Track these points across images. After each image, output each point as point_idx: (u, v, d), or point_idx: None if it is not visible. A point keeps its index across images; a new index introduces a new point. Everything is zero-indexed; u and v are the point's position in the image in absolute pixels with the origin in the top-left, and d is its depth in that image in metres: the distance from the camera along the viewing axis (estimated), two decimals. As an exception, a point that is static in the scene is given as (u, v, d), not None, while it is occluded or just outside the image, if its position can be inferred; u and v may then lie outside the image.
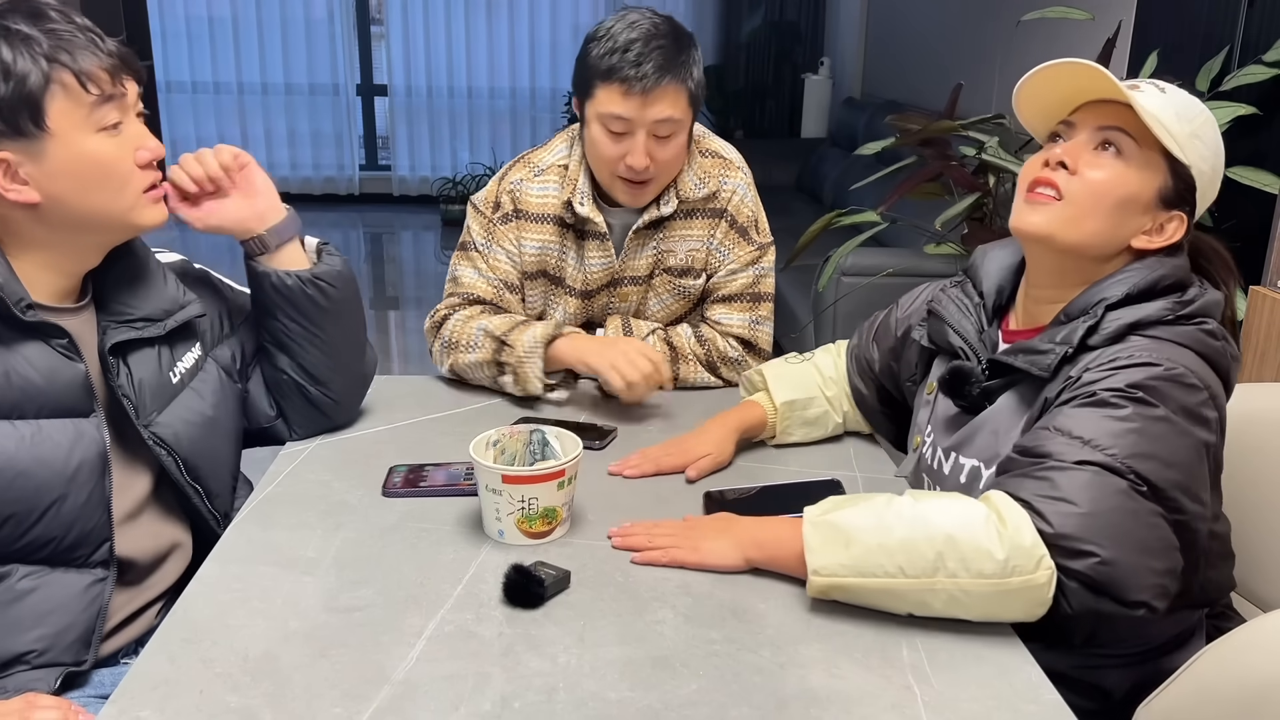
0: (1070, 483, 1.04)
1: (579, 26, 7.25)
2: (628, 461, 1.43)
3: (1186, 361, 1.10)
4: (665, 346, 1.69)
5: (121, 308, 1.26)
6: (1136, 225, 1.17)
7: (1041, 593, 1.01)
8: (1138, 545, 1.03)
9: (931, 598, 1.05)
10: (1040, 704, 0.97)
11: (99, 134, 1.15)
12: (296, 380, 1.45)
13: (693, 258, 1.74)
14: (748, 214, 1.74)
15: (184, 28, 6.97)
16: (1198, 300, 1.15)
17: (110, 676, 1.22)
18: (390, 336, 4.79)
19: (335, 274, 1.42)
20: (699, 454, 1.44)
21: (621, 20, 1.59)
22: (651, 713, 0.94)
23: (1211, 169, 1.18)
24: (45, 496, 1.14)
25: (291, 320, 1.41)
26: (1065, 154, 1.17)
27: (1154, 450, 1.05)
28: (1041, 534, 1.02)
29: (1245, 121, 2.36)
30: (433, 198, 7.21)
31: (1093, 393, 1.09)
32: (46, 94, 1.11)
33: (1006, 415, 1.23)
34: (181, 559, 1.33)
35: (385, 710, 0.94)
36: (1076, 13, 2.75)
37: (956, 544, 1.02)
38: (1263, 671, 0.97)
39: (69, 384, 1.17)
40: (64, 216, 1.16)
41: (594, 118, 1.60)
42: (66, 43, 1.12)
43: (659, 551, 1.19)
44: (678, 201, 1.69)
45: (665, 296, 1.76)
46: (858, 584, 1.06)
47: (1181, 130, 1.14)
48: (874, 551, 1.05)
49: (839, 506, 1.11)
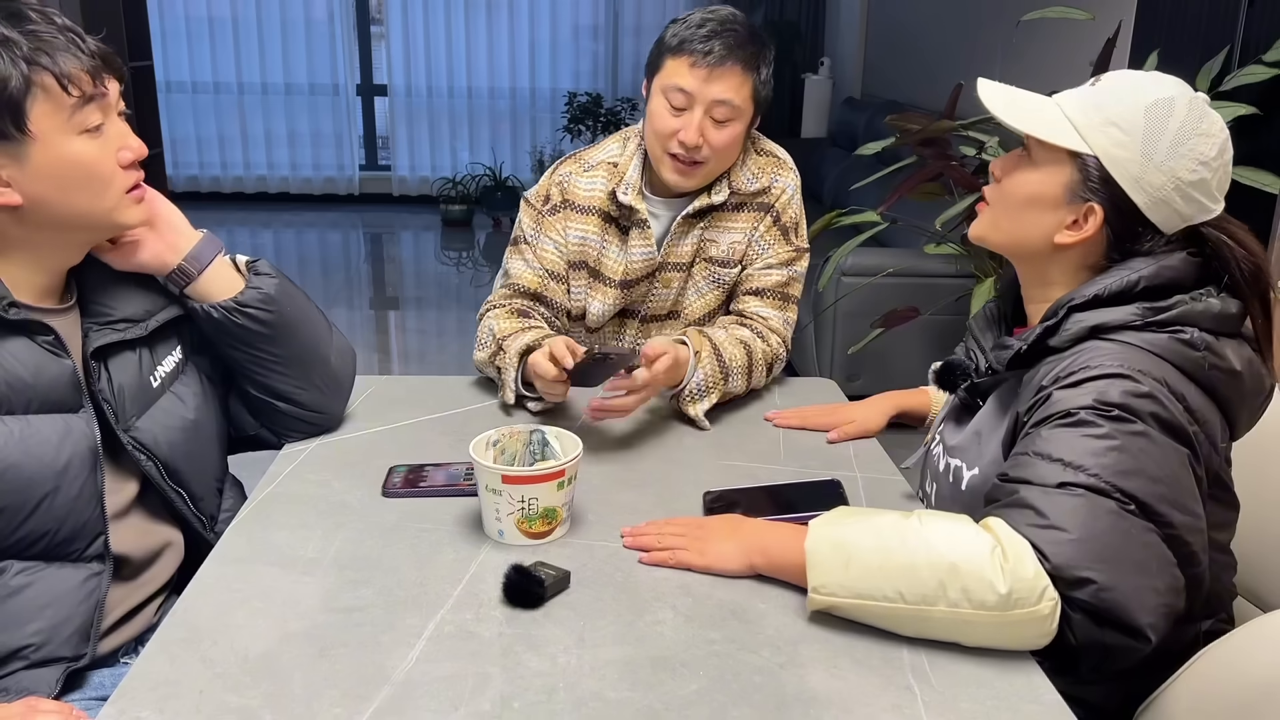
0: (1057, 509, 1.02)
1: (579, 26, 7.26)
2: (782, 414, 1.58)
3: (1155, 371, 1.07)
4: (743, 353, 1.65)
5: (103, 309, 1.26)
6: (1052, 221, 1.17)
7: (1046, 624, 1.00)
8: (1135, 567, 1.01)
9: (931, 625, 1.03)
10: (1040, 704, 0.97)
11: (81, 136, 1.14)
12: (265, 400, 1.42)
13: (733, 249, 1.76)
14: (793, 215, 1.77)
15: (184, 28, 6.98)
16: (1177, 308, 1.10)
17: (111, 678, 1.22)
18: (390, 336, 4.79)
19: (263, 297, 1.35)
20: (848, 418, 1.53)
21: (703, 9, 1.67)
22: (651, 713, 0.94)
23: (1144, 156, 1.10)
24: (36, 491, 1.14)
25: (234, 349, 1.37)
26: (993, 165, 1.24)
27: (1137, 466, 1.03)
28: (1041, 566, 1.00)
29: (1245, 121, 2.37)
30: (433, 198, 7.21)
31: (1066, 412, 1.07)
32: (28, 97, 1.09)
33: (990, 419, 1.24)
34: (175, 556, 1.33)
35: (385, 710, 0.94)
36: (1076, 13, 2.75)
37: (960, 574, 1.00)
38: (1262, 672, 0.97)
39: (56, 379, 1.17)
40: (46, 218, 1.15)
41: (658, 90, 1.65)
42: (46, 44, 1.11)
43: (666, 553, 1.19)
44: (729, 192, 1.72)
45: (703, 285, 1.78)
46: (855, 605, 1.05)
47: (1089, 120, 1.13)
48: (873, 574, 1.04)
49: (845, 520, 1.10)
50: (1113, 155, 1.12)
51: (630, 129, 1.80)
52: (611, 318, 1.79)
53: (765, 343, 1.71)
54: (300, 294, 1.43)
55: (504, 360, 1.61)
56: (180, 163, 7.11)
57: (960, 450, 1.27)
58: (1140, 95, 1.12)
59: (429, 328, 4.90)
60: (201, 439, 1.35)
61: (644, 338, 1.81)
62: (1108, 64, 2.54)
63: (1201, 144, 1.11)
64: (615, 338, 1.83)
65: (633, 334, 1.82)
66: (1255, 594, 1.39)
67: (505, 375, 1.61)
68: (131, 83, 4.67)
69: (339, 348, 1.50)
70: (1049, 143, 1.15)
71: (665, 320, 1.81)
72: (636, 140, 1.76)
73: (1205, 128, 1.12)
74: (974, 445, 1.25)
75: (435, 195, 7.12)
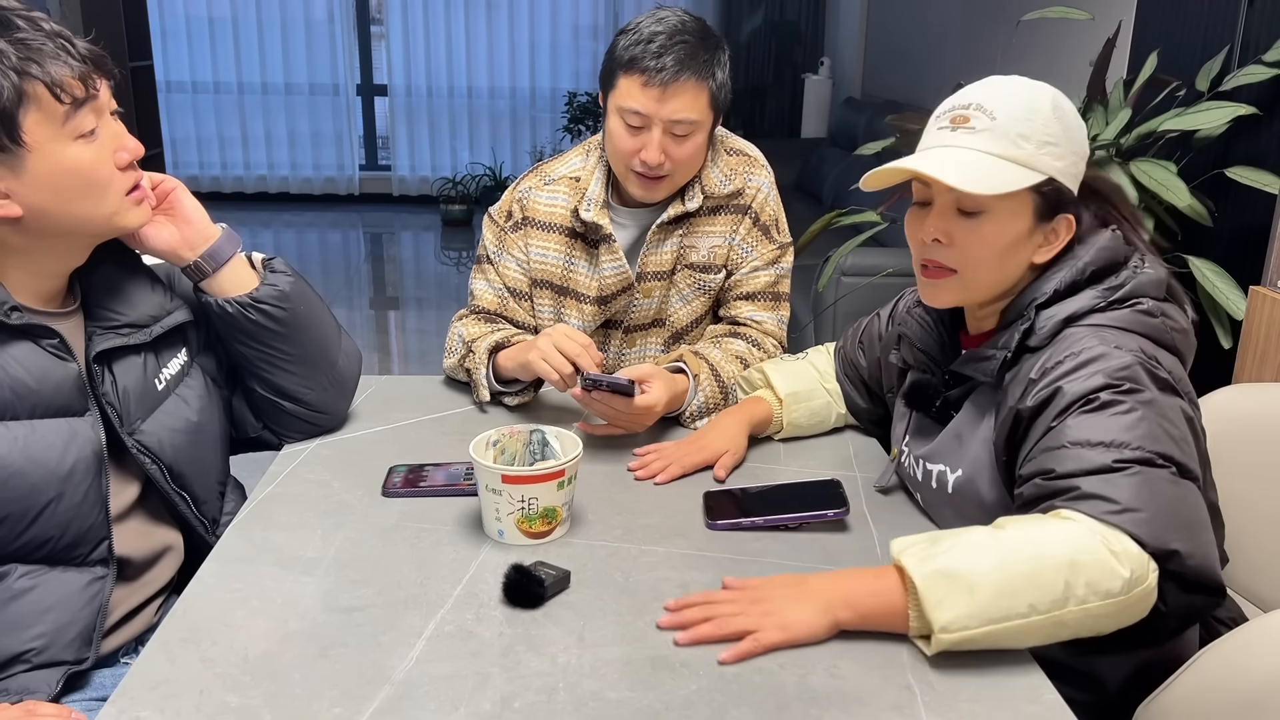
0: (1123, 491, 1.03)
1: (579, 26, 7.25)
2: (650, 466, 1.43)
3: (1135, 345, 1.13)
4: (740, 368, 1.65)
5: (108, 314, 1.25)
6: (1029, 249, 1.20)
7: (1153, 596, 1.01)
8: (1200, 527, 1.05)
9: (1060, 630, 1.00)
10: (1040, 704, 0.97)
11: (76, 142, 1.13)
12: (270, 398, 1.43)
13: (714, 253, 1.74)
14: (770, 212, 1.75)
15: (184, 28, 6.98)
16: (1128, 283, 1.17)
17: (111, 678, 1.22)
18: (390, 337, 4.79)
19: (278, 294, 1.36)
20: (719, 450, 1.45)
21: (651, 16, 1.60)
22: (651, 713, 0.94)
23: (1074, 153, 1.18)
24: (40, 496, 1.13)
25: (244, 345, 1.38)
26: (937, 232, 1.19)
27: (1164, 431, 1.07)
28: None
29: (1245, 121, 2.36)
30: (433, 198, 7.21)
31: (1083, 399, 1.09)
32: (20, 108, 1.08)
33: (968, 421, 1.25)
34: (175, 558, 1.33)
35: (385, 710, 0.94)
36: (1076, 13, 2.75)
37: (1081, 568, 0.98)
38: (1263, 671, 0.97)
39: (61, 384, 1.17)
40: (47, 226, 1.14)
41: (614, 110, 1.61)
42: (36, 52, 1.09)
43: (749, 643, 1.02)
44: (703, 197, 1.69)
45: (687, 292, 1.76)
46: (989, 632, 0.98)
47: (1026, 152, 1.15)
48: (1002, 594, 0.98)
49: (939, 548, 1.02)
50: (1059, 168, 1.17)
51: (592, 140, 1.76)
52: (594, 331, 1.77)
53: (761, 349, 1.71)
54: (314, 294, 1.44)
55: (473, 361, 1.63)
56: (180, 163, 7.12)
57: (940, 455, 1.28)
58: (1041, 105, 1.16)
59: (429, 328, 4.90)
60: (205, 442, 1.35)
61: (629, 348, 1.79)
62: (1108, 64, 2.54)
63: (1078, 115, 1.19)
64: (600, 349, 1.80)
65: (617, 345, 1.79)
66: (1255, 594, 1.39)
67: (476, 375, 1.62)
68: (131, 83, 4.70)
69: (347, 350, 1.51)
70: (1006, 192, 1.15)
71: (650, 329, 1.79)
72: (599, 152, 1.72)
73: (1067, 99, 1.20)
74: (955, 448, 1.26)
75: (435, 195, 7.12)
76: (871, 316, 1.55)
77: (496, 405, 1.65)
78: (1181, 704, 1.05)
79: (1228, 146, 2.50)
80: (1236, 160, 2.41)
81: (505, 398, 1.64)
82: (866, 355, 1.53)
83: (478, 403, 1.65)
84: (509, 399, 1.63)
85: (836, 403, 1.57)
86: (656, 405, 1.49)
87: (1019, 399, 1.16)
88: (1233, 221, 2.51)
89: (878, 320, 1.53)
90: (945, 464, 1.27)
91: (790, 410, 1.53)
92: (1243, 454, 1.37)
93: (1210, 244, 2.47)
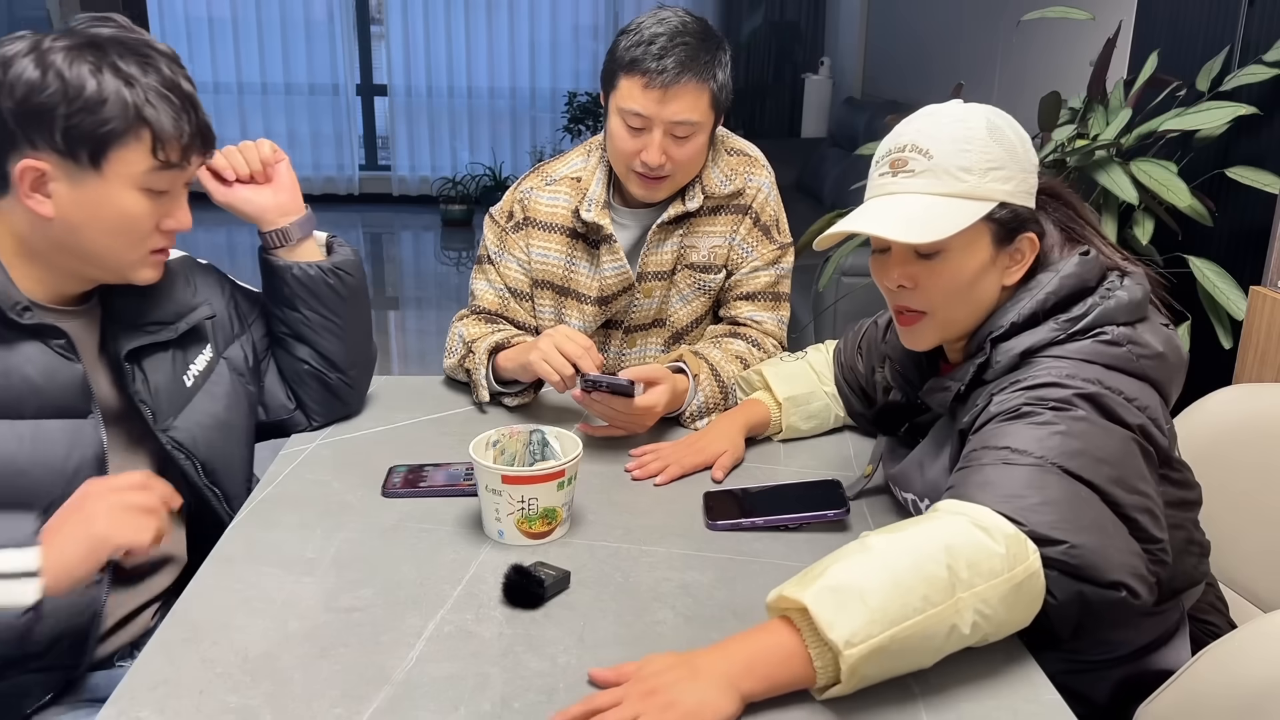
0: (1010, 479, 1.02)
1: (579, 26, 7.26)
2: (648, 467, 1.43)
3: (1091, 375, 1.09)
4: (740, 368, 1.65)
5: (132, 313, 1.26)
6: (997, 274, 1.18)
7: (1040, 579, 0.98)
8: (1095, 527, 1.01)
9: (960, 619, 0.95)
10: (1040, 704, 0.97)
11: (141, 192, 1.15)
12: (316, 369, 1.49)
13: (714, 253, 1.74)
14: (771, 213, 1.75)
15: (184, 28, 6.98)
16: (1092, 312, 1.13)
17: (105, 680, 1.22)
18: (390, 337, 4.79)
19: (351, 263, 1.49)
20: (717, 451, 1.45)
21: (652, 16, 1.60)
22: (651, 713, 0.94)
23: (1021, 170, 1.14)
24: (43, 497, 1.13)
25: (311, 310, 1.46)
26: (901, 278, 1.18)
27: (1081, 448, 1.04)
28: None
29: (1245, 121, 2.37)
30: (433, 198, 7.21)
31: (1006, 410, 1.09)
32: (119, 140, 1.11)
33: (930, 450, 1.25)
34: (175, 568, 1.32)
35: (385, 710, 0.93)
36: (1077, 13, 2.75)
37: (957, 552, 0.95)
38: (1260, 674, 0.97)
39: (66, 384, 1.17)
40: (68, 240, 1.15)
41: (614, 110, 1.61)
42: (163, 100, 1.12)
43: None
44: (703, 198, 1.69)
45: (687, 292, 1.76)
46: (893, 636, 0.92)
47: (969, 183, 1.13)
48: (893, 593, 0.93)
49: (813, 573, 0.97)
50: (1009, 190, 1.14)
51: (593, 140, 1.76)
52: (595, 331, 1.77)
53: (760, 350, 1.71)
54: (365, 273, 1.56)
55: (473, 361, 1.63)
56: (180, 163, 7.12)
57: (905, 480, 1.28)
58: (976, 133, 1.13)
59: (429, 328, 4.90)
60: (233, 437, 1.38)
61: (629, 349, 1.79)
62: (1108, 64, 2.54)
63: (1020, 129, 1.18)
64: (600, 350, 1.80)
65: (617, 345, 1.79)
66: (1255, 594, 1.39)
67: (475, 375, 1.62)
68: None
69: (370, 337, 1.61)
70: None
71: (650, 329, 1.79)
72: (600, 152, 1.72)
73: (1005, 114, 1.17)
74: (916, 475, 1.26)
75: (435, 195, 7.12)
76: (870, 323, 1.54)
77: (496, 405, 1.65)
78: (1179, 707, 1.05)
79: (1228, 146, 2.50)
80: (1237, 160, 2.41)
81: (505, 398, 1.64)
82: (864, 362, 1.52)
83: (477, 403, 1.65)
84: (509, 400, 1.63)
85: (835, 405, 1.57)
86: (656, 406, 1.49)
87: (967, 421, 1.15)
88: (1233, 221, 2.51)
89: (875, 328, 1.52)
90: (912, 492, 1.27)
91: (789, 414, 1.53)
92: (1243, 454, 1.37)
93: (1210, 244, 2.47)
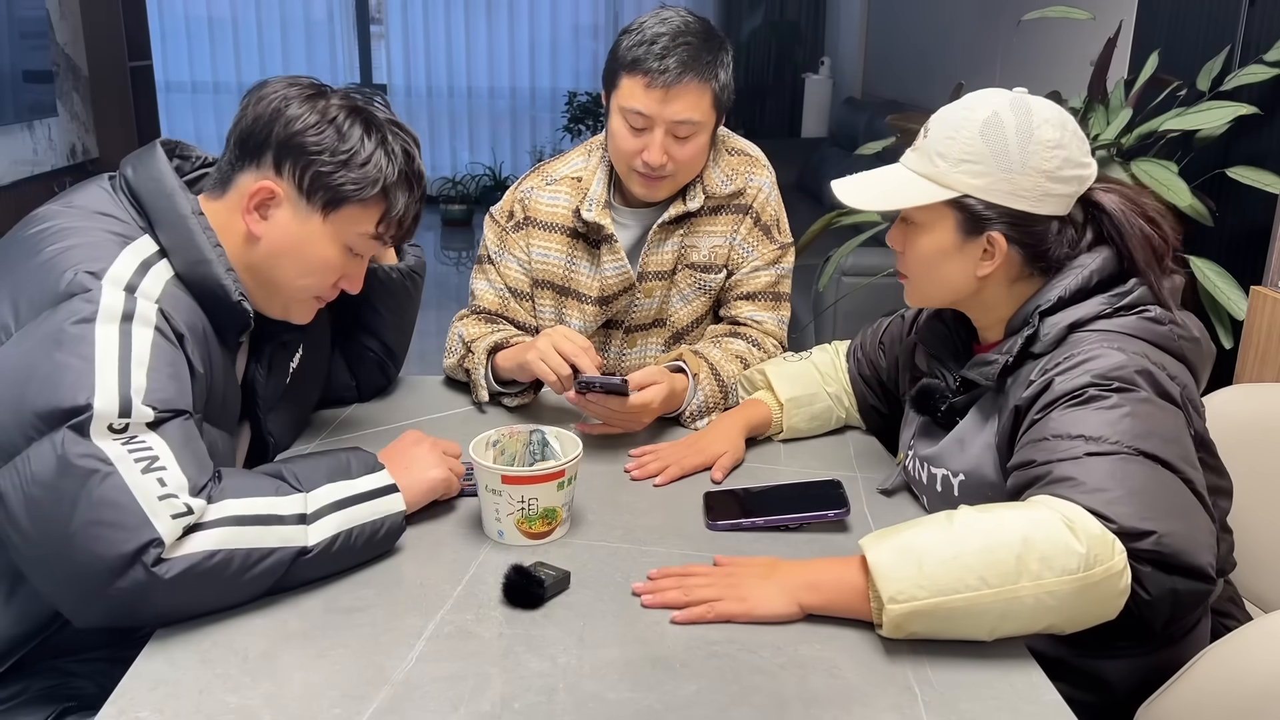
0: (1093, 473, 1.03)
1: (579, 26, 7.25)
2: (647, 467, 1.43)
3: (1138, 349, 1.13)
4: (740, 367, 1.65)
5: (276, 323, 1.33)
6: (966, 262, 1.23)
7: (1122, 580, 0.99)
8: (1180, 511, 1.03)
9: (1017, 606, 0.98)
10: (1040, 704, 0.97)
11: (345, 248, 1.26)
12: (379, 356, 1.63)
13: (715, 253, 1.74)
14: (771, 213, 1.75)
15: (183, 28, 6.98)
16: (1135, 291, 1.18)
17: None
18: (390, 336, 4.78)
19: (423, 265, 1.62)
20: (717, 452, 1.45)
21: (655, 16, 1.60)
22: (651, 713, 0.94)
23: (1002, 171, 1.17)
24: None
25: (386, 308, 1.58)
26: (891, 239, 1.30)
27: (1150, 429, 1.07)
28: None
29: (1245, 121, 2.36)
30: (433, 198, 7.19)
31: (1070, 393, 1.11)
32: (355, 202, 1.22)
33: (971, 426, 1.26)
34: None
35: (385, 710, 0.93)
36: (1077, 13, 2.75)
37: (1034, 544, 0.98)
38: (1264, 672, 0.97)
39: (237, 394, 1.31)
40: (260, 262, 1.24)
41: (616, 110, 1.61)
42: (404, 183, 1.25)
43: (704, 607, 1.08)
44: (704, 197, 1.69)
45: (688, 292, 1.76)
46: (938, 604, 0.99)
47: (939, 170, 1.20)
48: (950, 565, 0.99)
49: (895, 530, 1.06)
50: (979, 185, 1.18)
51: (594, 140, 1.76)
52: (595, 331, 1.77)
53: (761, 349, 1.70)
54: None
55: (472, 361, 1.63)
56: (180, 163, 7.11)
57: (942, 458, 1.29)
58: (969, 124, 1.19)
59: (429, 328, 4.86)
60: (302, 420, 1.53)
61: (629, 349, 1.79)
62: (1108, 64, 2.54)
63: (1044, 132, 1.17)
64: (601, 350, 1.80)
65: (618, 345, 1.79)
66: (1257, 594, 1.39)
67: (475, 375, 1.63)
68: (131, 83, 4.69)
69: None
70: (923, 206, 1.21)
71: (650, 329, 1.78)
72: (600, 152, 1.72)
73: (1039, 117, 1.18)
74: (956, 452, 1.27)
75: (435, 195, 7.11)
76: (894, 317, 1.55)
77: (496, 405, 1.65)
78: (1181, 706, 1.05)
79: (1228, 146, 2.50)
80: (1237, 160, 2.41)
81: (504, 398, 1.64)
82: (887, 356, 1.53)
83: (477, 403, 1.65)
84: (508, 400, 1.63)
85: (837, 406, 1.57)
86: (652, 403, 1.49)
87: (1020, 396, 1.17)
88: (1233, 221, 2.51)
89: (901, 321, 1.53)
90: (947, 468, 1.28)
91: (790, 415, 1.53)
92: (1243, 454, 1.37)
93: (1211, 244, 2.47)
